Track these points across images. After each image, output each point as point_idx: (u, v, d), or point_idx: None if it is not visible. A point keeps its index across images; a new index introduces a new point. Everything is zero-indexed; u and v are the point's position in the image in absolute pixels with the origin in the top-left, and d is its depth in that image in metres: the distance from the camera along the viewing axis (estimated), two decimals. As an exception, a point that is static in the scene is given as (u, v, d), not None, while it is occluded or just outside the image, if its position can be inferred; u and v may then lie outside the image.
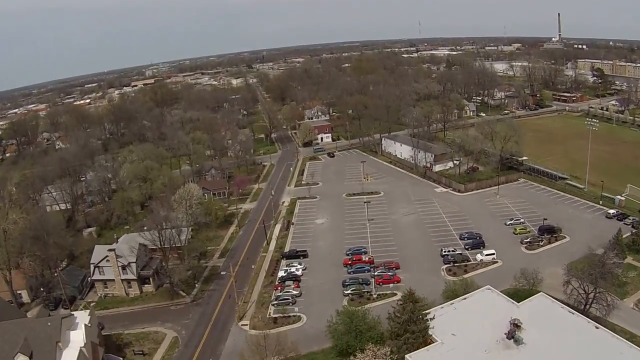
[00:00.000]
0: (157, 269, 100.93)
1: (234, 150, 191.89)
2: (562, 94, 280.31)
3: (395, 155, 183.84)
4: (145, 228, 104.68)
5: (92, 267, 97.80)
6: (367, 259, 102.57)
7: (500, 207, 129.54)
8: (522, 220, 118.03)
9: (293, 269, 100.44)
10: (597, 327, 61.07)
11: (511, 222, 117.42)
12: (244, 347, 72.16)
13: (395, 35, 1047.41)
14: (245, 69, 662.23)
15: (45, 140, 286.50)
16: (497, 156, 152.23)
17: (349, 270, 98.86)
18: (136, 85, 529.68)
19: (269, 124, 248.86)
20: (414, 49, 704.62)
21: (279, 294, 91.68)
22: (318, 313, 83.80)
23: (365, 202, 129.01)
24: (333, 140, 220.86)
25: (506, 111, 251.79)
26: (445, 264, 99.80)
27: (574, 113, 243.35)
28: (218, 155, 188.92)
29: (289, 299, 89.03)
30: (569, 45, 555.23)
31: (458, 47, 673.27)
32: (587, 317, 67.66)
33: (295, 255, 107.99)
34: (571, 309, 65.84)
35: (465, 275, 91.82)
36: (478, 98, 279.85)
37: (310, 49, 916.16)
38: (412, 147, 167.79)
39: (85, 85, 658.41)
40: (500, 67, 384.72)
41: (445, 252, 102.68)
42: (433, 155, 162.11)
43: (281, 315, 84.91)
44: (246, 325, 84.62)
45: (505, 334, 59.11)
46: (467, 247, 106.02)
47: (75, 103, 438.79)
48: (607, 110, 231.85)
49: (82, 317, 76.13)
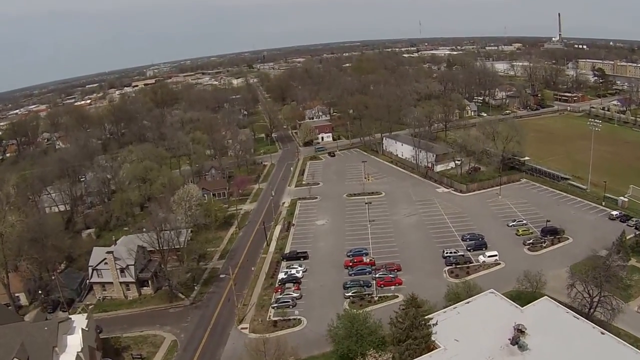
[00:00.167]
0: (156, 272, 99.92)
1: (234, 150, 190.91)
2: (563, 94, 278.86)
3: (397, 155, 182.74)
4: (144, 230, 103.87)
5: (90, 269, 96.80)
6: (368, 260, 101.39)
7: (503, 207, 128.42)
8: (524, 221, 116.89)
9: (293, 271, 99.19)
10: (602, 333, 59.96)
11: (514, 223, 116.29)
12: (243, 352, 71.17)
13: (396, 35, 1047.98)
14: (246, 69, 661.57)
15: (46, 141, 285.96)
16: (499, 156, 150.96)
17: (350, 272, 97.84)
18: (137, 86, 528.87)
19: (269, 124, 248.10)
20: (415, 48, 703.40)
21: (279, 296, 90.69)
22: (318, 316, 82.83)
23: (366, 203, 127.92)
24: (334, 139, 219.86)
25: (507, 111, 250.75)
26: (447, 265, 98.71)
27: (575, 113, 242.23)
28: (218, 155, 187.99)
29: (289, 301, 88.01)
30: (569, 45, 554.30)
31: (458, 47, 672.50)
32: (591, 321, 66.60)
33: (295, 256, 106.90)
34: (576, 314, 64.71)
35: (468, 278, 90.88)
36: (479, 98, 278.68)
37: (311, 49, 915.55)
38: (413, 147, 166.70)
39: (87, 86, 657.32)
40: (501, 66, 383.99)
41: (447, 253, 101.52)
42: (434, 155, 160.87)
43: (281, 318, 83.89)
44: (246, 328, 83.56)
45: (509, 339, 58.06)
46: (469, 248, 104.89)
47: (76, 104, 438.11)
48: (608, 110, 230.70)
49: (79, 320, 75.39)
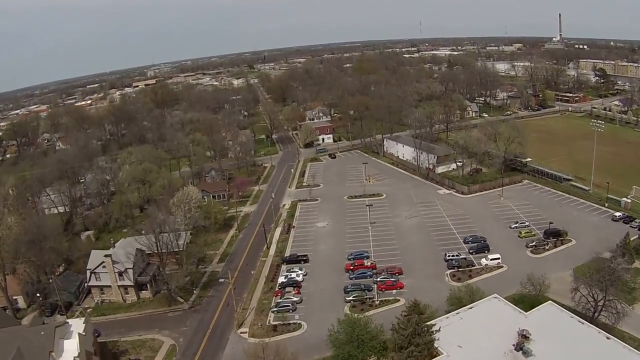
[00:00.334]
0: (154, 275, 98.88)
1: (235, 151, 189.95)
2: (564, 94, 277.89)
3: (398, 156, 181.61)
4: (143, 232, 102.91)
5: (88, 272, 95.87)
6: (369, 263, 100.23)
7: (505, 209, 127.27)
8: (527, 223, 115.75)
9: (293, 275, 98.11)
10: (608, 338, 58.89)
11: (516, 225, 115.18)
12: (243, 358, 70.16)
13: (396, 36, 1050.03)
14: (246, 69, 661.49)
15: (46, 142, 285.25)
16: (501, 157, 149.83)
17: (351, 276, 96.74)
18: (137, 86, 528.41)
19: (269, 125, 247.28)
20: (415, 49, 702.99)
21: (279, 300, 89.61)
22: (319, 320, 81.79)
23: (367, 205, 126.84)
24: (334, 141, 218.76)
25: (509, 112, 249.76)
26: (449, 268, 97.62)
27: (576, 113, 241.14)
28: (218, 156, 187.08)
29: (289, 305, 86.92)
30: (569, 45, 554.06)
31: (459, 47, 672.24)
32: (596, 325, 65.66)
33: (295, 260, 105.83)
34: (581, 319, 63.61)
35: (470, 281, 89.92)
36: (481, 99, 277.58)
37: (312, 49, 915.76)
38: (414, 148, 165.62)
39: (87, 86, 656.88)
40: (502, 67, 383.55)
41: (449, 256, 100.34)
42: (436, 157, 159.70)
43: (281, 322, 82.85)
44: (245, 332, 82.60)
45: (513, 345, 57.02)
46: (471, 251, 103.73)
47: (76, 104, 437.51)
48: (610, 110, 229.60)
49: (76, 325, 74.33)
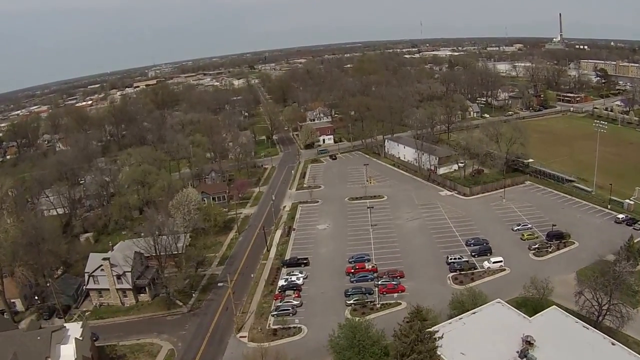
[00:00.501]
0: (153, 278, 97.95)
1: (235, 152, 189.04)
2: (566, 94, 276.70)
3: (399, 157, 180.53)
4: (142, 235, 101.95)
5: (86, 276, 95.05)
6: (370, 267, 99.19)
7: (507, 211, 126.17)
8: (529, 225, 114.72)
9: (294, 278, 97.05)
10: (613, 344, 57.89)
11: (518, 227, 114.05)
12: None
13: (397, 36, 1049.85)
14: (247, 69, 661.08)
15: (46, 143, 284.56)
16: (503, 158, 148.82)
17: (352, 279, 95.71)
18: (138, 86, 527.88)
19: (270, 126, 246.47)
20: (416, 49, 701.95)
21: (279, 303, 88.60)
22: (319, 324, 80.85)
23: (368, 207, 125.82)
24: (335, 142, 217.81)
25: (510, 112, 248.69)
26: (451, 271, 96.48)
27: (578, 114, 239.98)
28: (218, 157, 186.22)
29: (289, 309, 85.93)
30: (570, 45, 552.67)
31: (460, 48, 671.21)
32: (600, 329, 64.71)
33: (296, 263, 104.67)
34: (585, 324, 62.56)
35: (472, 284, 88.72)
36: (482, 99, 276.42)
37: (313, 50, 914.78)
38: (415, 149, 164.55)
39: (88, 87, 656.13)
40: (503, 67, 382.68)
41: (451, 259, 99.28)
42: (437, 158, 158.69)
43: (281, 326, 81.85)
44: (245, 337, 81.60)
45: (518, 352, 56.01)
46: (473, 253, 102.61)
47: (77, 104, 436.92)
48: (611, 110, 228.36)
49: (73, 329, 73.58)
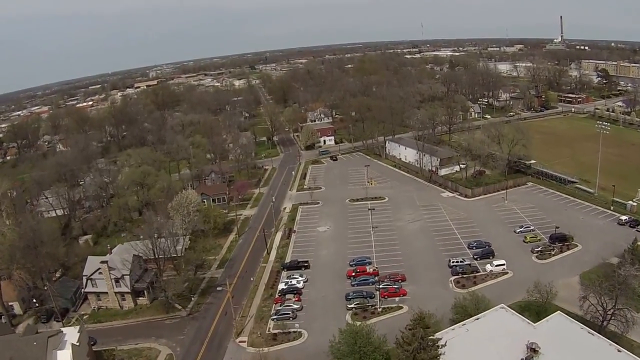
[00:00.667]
0: (152, 281, 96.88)
1: (235, 153, 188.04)
2: (567, 95, 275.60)
3: (400, 158, 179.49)
4: (141, 237, 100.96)
5: (84, 279, 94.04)
6: (371, 270, 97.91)
7: (509, 213, 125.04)
8: (531, 227, 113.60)
9: (294, 281, 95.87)
10: (619, 351, 56.80)
11: (521, 229, 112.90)
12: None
13: (398, 37, 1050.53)
14: (248, 70, 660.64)
15: (47, 144, 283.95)
16: (505, 160, 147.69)
17: (353, 283, 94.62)
18: (139, 87, 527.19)
19: (271, 127, 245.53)
20: (417, 50, 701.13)
21: (279, 307, 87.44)
22: (320, 329, 79.81)
23: (369, 209, 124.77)
24: (336, 143, 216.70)
25: (511, 113, 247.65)
26: (454, 275, 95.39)
27: (579, 115, 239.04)
28: (218, 158, 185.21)
29: (289, 313, 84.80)
30: (571, 46, 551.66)
31: (460, 48, 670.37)
32: (604, 334, 63.69)
33: (296, 266, 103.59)
34: (591, 330, 61.46)
35: (475, 288, 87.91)
36: (484, 100, 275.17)
37: (313, 50, 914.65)
38: (417, 151, 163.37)
39: (89, 87, 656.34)
40: (504, 67, 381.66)
41: (453, 262, 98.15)
42: (439, 159, 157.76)
43: (281, 331, 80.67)
44: (244, 341, 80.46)
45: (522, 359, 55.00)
46: (475, 256, 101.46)
47: (77, 105, 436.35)
48: (613, 111, 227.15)
49: (70, 334, 72.35)
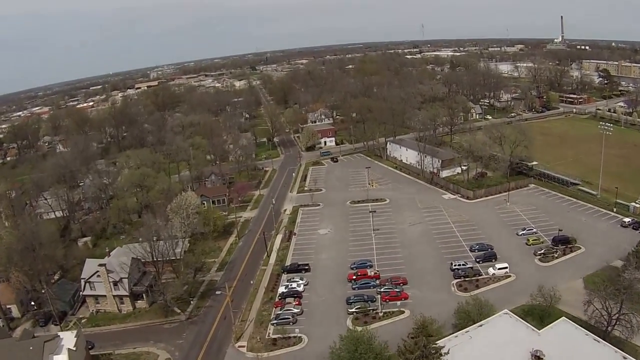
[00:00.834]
0: (150, 285, 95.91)
1: (235, 155, 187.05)
2: (568, 95, 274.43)
3: (401, 160, 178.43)
4: (140, 239, 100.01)
5: (82, 282, 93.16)
6: (372, 273, 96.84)
7: (511, 215, 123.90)
8: (534, 229, 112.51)
9: (294, 285, 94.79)
10: (625, 358, 55.74)
11: (523, 232, 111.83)
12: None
13: (398, 37, 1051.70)
14: (249, 70, 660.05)
15: (47, 144, 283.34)
16: (507, 161, 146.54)
17: (354, 286, 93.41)
18: (140, 88, 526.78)
19: (271, 128, 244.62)
20: (417, 50, 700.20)
21: (279, 312, 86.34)
22: (320, 334, 78.73)
23: (370, 212, 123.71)
24: (337, 144, 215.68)
25: (513, 113, 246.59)
26: (456, 278, 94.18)
27: (581, 115, 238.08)
28: (218, 160, 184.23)
29: (289, 317, 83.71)
30: (571, 46, 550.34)
31: (461, 49, 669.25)
32: (609, 339, 62.64)
33: (296, 269, 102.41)
34: (596, 337, 60.35)
35: (477, 292, 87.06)
36: (485, 101, 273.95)
37: (314, 51, 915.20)
38: (418, 152, 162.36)
39: (90, 88, 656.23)
40: (505, 68, 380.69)
41: (455, 266, 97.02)
42: (440, 161, 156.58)
43: (281, 336, 79.61)
44: (243, 346, 79.42)
45: (527, 367, 54.03)
46: (478, 259, 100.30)
47: (78, 106, 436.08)
48: (615, 112, 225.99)
49: (67, 338, 71.61)
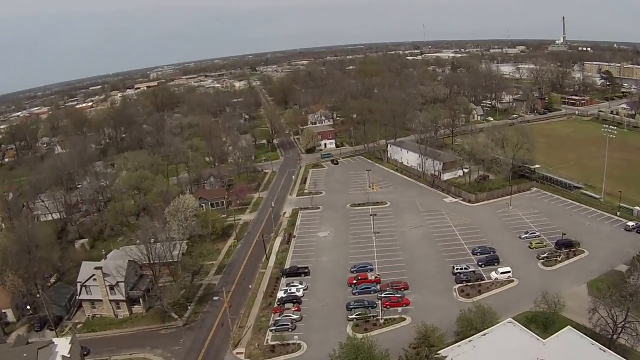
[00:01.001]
0: (147, 289, 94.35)
1: (234, 156, 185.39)
2: (570, 97, 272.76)
3: (402, 162, 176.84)
4: (137, 242, 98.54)
5: (78, 286, 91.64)
6: (373, 277, 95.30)
7: (514, 218, 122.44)
8: (537, 233, 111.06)
9: (293, 289, 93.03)
10: (632, 368, 54.33)
11: (526, 235, 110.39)
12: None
13: (399, 38, 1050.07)
14: (249, 71, 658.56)
15: (45, 145, 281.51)
16: (509, 164, 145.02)
17: (354, 291, 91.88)
18: (139, 88, 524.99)
19: (271, 129, 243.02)
20: (419, 51, 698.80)
21: (278, 318, 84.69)
22: (320, 340, 77.29)
23: (371, 215, 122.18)
24: (337, 146, 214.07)
25: (515, 115, 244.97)
26: (458, 283, 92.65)
27: (583, 117, 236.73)
28: (217, 162, 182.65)
29: (288, 324, 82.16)
30: (573, 47, 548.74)
31: (462, 50, 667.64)
32: (614, 349, 61.13)
33: (296, 272, 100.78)
34: (602, 347, 58.83)
35: (479, 297, 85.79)
36: (487, 102, 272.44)
37: (315, 52, 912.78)
38: (419, 154, 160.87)
39: (90, 88, 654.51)
40: (506, 69, 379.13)
41: (457, 270, 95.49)
42: (441, 163, 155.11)
43: (279, 342, 78.04)
44: (241, 353, 77.89)
45: (532, 378, 52.52)
46: (480, 263, 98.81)
47: (77, 106, 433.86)
48: (617, 114, 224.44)
49: (62, 345, 70.05)
